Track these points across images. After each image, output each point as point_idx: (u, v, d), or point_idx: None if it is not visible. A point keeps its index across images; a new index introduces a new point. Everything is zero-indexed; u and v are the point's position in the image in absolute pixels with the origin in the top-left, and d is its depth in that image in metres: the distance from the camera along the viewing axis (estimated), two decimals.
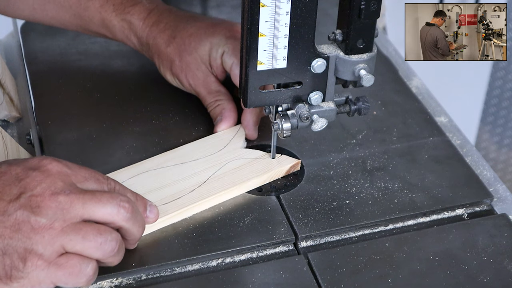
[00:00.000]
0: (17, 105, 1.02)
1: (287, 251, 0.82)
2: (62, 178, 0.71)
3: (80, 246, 0.69)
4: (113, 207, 0.71)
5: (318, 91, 0.83)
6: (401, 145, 0.95)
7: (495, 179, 0.93)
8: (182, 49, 0.94)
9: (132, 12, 0.97)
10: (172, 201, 0.83)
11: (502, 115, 2.02)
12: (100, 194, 0.71)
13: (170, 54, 0.95)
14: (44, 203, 0.68)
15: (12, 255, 0.68)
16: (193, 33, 0.94)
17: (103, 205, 0.71)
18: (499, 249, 0.81)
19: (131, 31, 0.97)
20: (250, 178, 0.87)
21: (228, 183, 0.86)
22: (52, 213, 0.68)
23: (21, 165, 0.71)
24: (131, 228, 0.74)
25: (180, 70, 0.95)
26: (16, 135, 0.99)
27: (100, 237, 0.70)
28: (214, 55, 0.93)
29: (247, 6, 0.76)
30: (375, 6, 0.78)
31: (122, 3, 0.97)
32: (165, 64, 0.96)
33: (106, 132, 0.95)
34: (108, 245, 0.70)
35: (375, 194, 0.88)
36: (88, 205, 0.70)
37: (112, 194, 0.72)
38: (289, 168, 0.89)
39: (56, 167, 0.71)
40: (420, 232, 0.84)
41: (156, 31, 0.96)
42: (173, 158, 0.89)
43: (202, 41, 0.94)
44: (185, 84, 0.96)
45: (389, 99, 1.03)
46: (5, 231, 0.68)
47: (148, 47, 0.97)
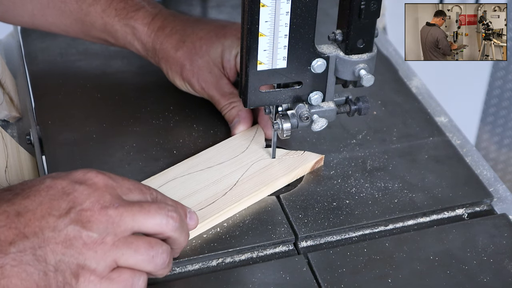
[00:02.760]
0: (17, 105, 1.02)
1: (287, 251, 0.82)
2: (109, 191, 0.70)
3: (132, 260, 0.69)
4: (162, 217, 0.71)
5: (318, 91, 0.83)
6: (401, 145, 0.95)
7: (495, 179, 0.93)
8: (193, 52, 0.93)
9: (136, 17, 0.96)
10: (207, 206, 0.83)
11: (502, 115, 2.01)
12: (148, 205, 0.71)
13: (180, 59, 0.94)
14: (95, 218, 0.68)
15: (65, 271, 0.67)
16: (203, 36, 0.94)
17: (152, 216, 0.70)
18: (499, 249, 0.81)
19: (135, 36, 0.96)
20: (278, 176, 0.87)
21: (258, 184, 0.86)
22: (104, 227, 0.68)
23: (66, 178, 0.70)
24: (179, 238, 0.73)
25: (191, 74, 0.94)
26: (16, 135, 0.99)
27: (151, 250, 0.70)
28: (228, 56, 0.93)
29: (247, 6, 0.76)
30: (375, 6, 0.78)
31: (124, 8, 0.96)
32: (174, 69, 0.95)
33: (106, 132, 0.95)
34: (160, 258, 0.70)
35: (375, 194, 0.88)
36: (137, 217, 0.69)
37: (159, 204, 0.72)
38: (314, 164, 0.89)
39: (102, 180, 0.70)
40: (420, 232, 0.84)
41: (162, 36, 0.95)
42: (199, 164, 0.89)
43: (214, 44, 0.93)
44: (197, 88, 0.95)
45: (389, 99, 1.03)
46: (57, 247, 0.67)
47: (155, 52, 0.96)
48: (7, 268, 0.65)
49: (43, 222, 0.67)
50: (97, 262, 0.67)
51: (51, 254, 0.66)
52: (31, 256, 0.66)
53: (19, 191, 0.69)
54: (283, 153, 0.91)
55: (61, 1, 0.97)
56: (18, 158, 0.90)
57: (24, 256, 0.66)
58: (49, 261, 0.66)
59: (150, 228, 0.70)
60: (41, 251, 0.66)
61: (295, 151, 0.91)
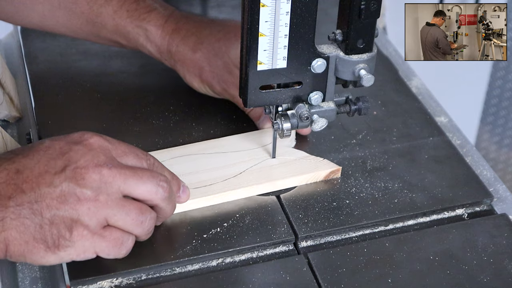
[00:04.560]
0: (17, 105, 1.02)
1: (287, 251, 0.82)
2: (104, 152, 0.73)
3: (122, 222, 0.72)
4: (152, 185, 0.74)
5: (318, 91, 0.83)
6: (401, 145, 0.95)
7: (495, 179, 0.93)
8: (212, 54, 0.92)
9: (148, 19, 0.94)
10: (203, 187, 0.85)
11: (502, 115, 2.01)
12: (141, 171, 0.74)
13: (198, 61, 0.93)
14: (89, 175, 0.71)
15: (59, 224, 0.70)
16: (221, 38, 0.93)
17: (143, 182, 0.74)
18: (499, 249, 0.81)
19: (148, 38, 0.95)
20: (286, 177, 0.87)
21: (262, 178, 0.87)
22: (97, 185, 0.71)
23: (64, 139, 0.73)
24: (165, 207, 0.76)
25: (211, 76, 0.93)
26: (16, 135, 0.99)
27: (141, 215, 0.73)
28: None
29: (247, 6, 0.76)
30: (375, 6, 0.78)
31: (136, 10, 0.95)
32: (192, 71, 0.94)
33: (106, 132, 0.94)
34: (147, 224, 0.74)
35: (375, 194, 0.88)
36: (129, 181, 0.73)
37: (152, 172, 0.75)
38: (328, 173, 0.89)
39: (97, 141, 0.74)
40: (420, 232, 0.84)
41: (178, 39, 0.94)
42: (216, 147, 0.91)
43: (232, 44, 0.92)
44: (218, 89, 0.94)
45: (389, 99, 1.03)
46: (52, 202, 0.70)
47: (170, 54, 0.95)
48: (7, 221, 0.69)
49: (40, 179, 0.70)
50: (89, 218, 0.71)
51: (46, 208, 0.70)
52: (28, 210, 0.70)
53: (19, 152, 0.73)
54: (303, 155, 0.91)
55: (71, 2, 0.96)
56: None
57: (22, 210, 0.70)
58: (45, 215, 0.70)
59: (140, 193, 0.74)
60: (37, 206, 0.70)
61: (315, 157, 0.91)
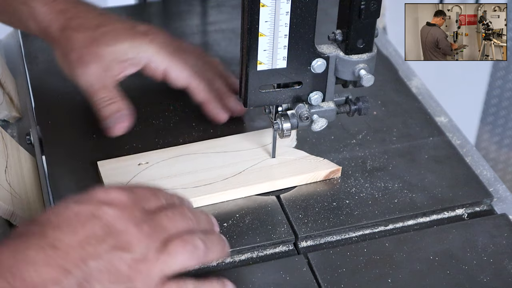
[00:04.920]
0: (17, 105, 1.02)
1: (287, 251, 0.82)
2: (136, 207, 0.68)
3: (176, 265, 0.68)
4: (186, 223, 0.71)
5: (318, 91, 0.83)
6: (401, 145, 0.95)
7: (495, 179, 0.93)
8: (91, 40, 0.89)
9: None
10: (203, 186, 0.85)
11: (502, 115, 2.01)
12: (171, 213, 0.71)
13: (74, 40, 0.90)
14: (133, 237, 0.66)
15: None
16: (108, 31, 0.91)
17: (178, 220, 0.70)
18: (499, 249, 0.81)
19: (31, 15, 0.92)
20: (285, 176, 0.87)
21: (261, 178, 0.87)
22: (144, 245, 0.66)
23: (91, 201, 0.68)
24: (211, 248, 0.71)
25: (78, 56, 0.89)
26: (16, 135, 0.99)
27: (187, 244, 0.68)
28: (131, 55, 0.90)
29: (247, 6, 0.76)
30: (375, 6, 0.78)
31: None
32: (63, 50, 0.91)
33: (103, 134, 0.95)
34: (199, 246, 0.69)
35: (375, 194, 0.88)
36: (167, 225, 0.69)
37: (182, 215, 0.71)
38: (328, 173, 0.89)
39: (126, 197, 0.68)
40: (420, 232, 0.84)
41: (62, 19, 0.91)
42: (216, 146, 0.91)
43: (119, 39, 0.90)
44: (78, 71, 0.89)
45: (389, 99, 1.03)
46: (102, 276, 0.64)
47: (49, 31, 0.92)
48: None
49: (83, 253, 0.64)
50: (144, 282, 0.66)
51: (97, 284, 0.64)
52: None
53: (46, 222, 0.66)
54: (304, 155, 0.91)
55: None
56: (18, 158, 0.90)
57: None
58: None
59: (179, 228, 0.70)
60: (87, 284, 0.64)
61: (315, 157, 0.91)
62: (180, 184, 0.86)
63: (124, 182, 0.86)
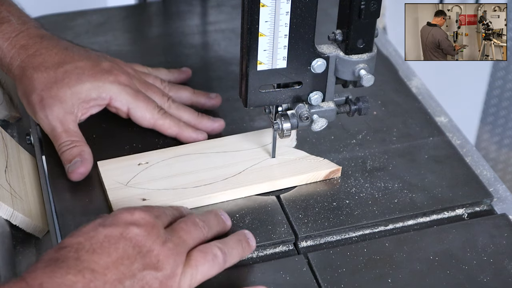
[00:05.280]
0: (17, 105, 1.02)
1: (287, 251, 0.82)
2: (160, 226, 0.72)
3: (199, 275, 0.72)
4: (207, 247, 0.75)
5: (318, 91, 0.83)
6: (401, 145, 0.95)
7: (495, 179, 0.93)
8: (52, 81, 0.89)
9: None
10: (203, 186, 0.86)
11: (502, 115, 2.01)
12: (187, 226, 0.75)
13: (35, 81, 0.89)
14: (162, 256, 0.70)
15: None
16: (70, 71, 0.90)
17: (193, 232, 0.75)
18: (499, 249, 0.81)
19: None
20: (285, 176, 0.88)
21: (261, 178, 0.87)
22: (172, 261, 0.70)
23: (119, 224, 0.71)
24: (231, 252, 0.76)
25: (39, 99, 0.89)
26: (16, 135, 0.99)
27: (207, 254, 0.73)
28: (94, 95, 0.90)
29: (247, 6, 0.76)
30: (375, 6, 0.78)
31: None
32: (24, 90, 0.90)
33: (106, 132, 0.95)
34: (217, 255, 0.73)
35: (375, 194, 0.88)
36: (186, 240, 0.73)
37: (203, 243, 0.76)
38: (328, 173, 0.89)
39: (149, 217, 0.72)
40: (420, 232, 0.84)
41: (24, 55, 0.91)
42: (216, 146, 0.91)
43: (80, 80, 0.89)
44: (40, 115, 0.89)
45: (389, 99, 1.03)
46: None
47: (11, 68, 0.91)
48: None
49: (119, 274, 0.68)
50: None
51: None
52: None
53: (78, 246, 0.68)
54: (303, 155, 0.91)
55: None
56: (18, 158, 0.90)
57: None
58: None
59: (195, 239, 0.75)
60: None
61: (315, 156, 0.90)
62: (180, 184, 0.86)
63: (124, 182, 0.86)
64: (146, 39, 1.16)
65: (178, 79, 1.03)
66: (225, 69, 1.08)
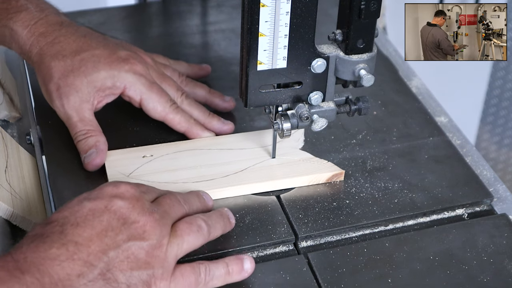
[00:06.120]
0: (17, 105, 1.02)
1: (287, 251, 0.82)
2: (145, 198, 0.74)
3: (186, 245, 0.73)
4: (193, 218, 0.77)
5: (318, 91, 0.83)
6: (401, 145, 0.95)
7: (495, 179, 0.93)
8: (69, 69, 0.89)
9: (15, 19, 0.92)
10: (203, 181, 0.86)
11: (502, 115, 2.01)
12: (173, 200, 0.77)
13: (52, 69, 0.90)
14: (148, 226, 0.71)
15: (137, 285, 0.70)
16: (87, 59, 0.90)
17: (180, 207, 0.77)
18: (499, 249, 0.81)
19: (12, 38, 0.92)
20: (286, 177, 0.88)
21: (262, 177, 0.87)
22: (158, 231, 0.71)
23: (103, 197, 0.72)
24: (213, 226, 0.78)
25: (56, 88, 0.90)
26: (16, 135, 0.99)
27: (192, 225, 0.74)
28: (109, 84, 0.90)
29: (247, 6, 0.76)
30: (375, 6, 0.78)
31: (6, 9, 0.92)
32: (42, 78, 0.91)
33: (106, 132, 0.95)
34: (202, 226, 0.75)
35: (375, 194, 0.88)
36: (172, 212, 0.75)
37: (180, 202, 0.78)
38: (330, 176, 0.89)
39: (135, 190, 0.73)
40: (420, 232, 0.84)
41: (43, 42, 0.91)
42: (221, 143, 0.92)
43: (96, 68, 0.90)
44: (57, 103, 0.90)
45: (389, 99, 1.03)
46: (123, 264, 0.69)
47: (30, 56, 0.92)
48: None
49: (103, 245, 0.69)
50: (162, 266, 0.71)
51: (119, 273, 0.69)
52: (101, 281, 0.68)
53: (64, 221, 0.70)
54: (308, 157, 0.91)
55: None
56: (18, 158, 0.90)
57: (95, 284, 0.68)
58: (120, 279, 0.69)
59: (178, 213, 0.76)
60: (110, 274, 0.68)
61: (319, 159, 0.90)
62: (181, 179, 0.86)
63: (126, 174, 0.87)
64: (146, 39, 1.16)
65: (197, 75, 1.04)
66: (225, 69, 1.08)
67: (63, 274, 0.66)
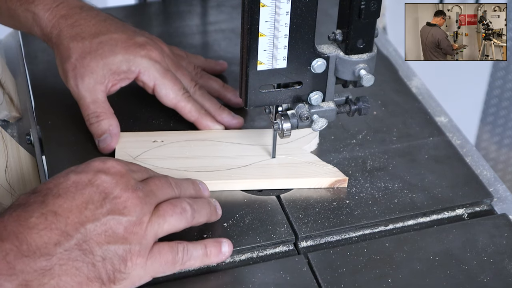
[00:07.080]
0: (17, 105, 1.02)
1: (287, 251, 0.82)
2: (131, 176, 0.74)
3: (167, 226, 0.74)
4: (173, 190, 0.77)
5: (318, 91, 0.84)
6: (401, 145, 0.95)
7: (495, 179, 0.93)
8: (86, 51, 0.91)
9: (37, 3, 0.93)
10: (205, 172, 0.87)
11: (502, 115, 2.01)
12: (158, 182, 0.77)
13: (71, 49, 0.91)
14: (130, 203, 0.72)
15: (112, 259, 0.70)
16: (104, 42, 0.91)
17: (166, 188, 0.77)
18: (499, 249, 0.81)
19: (35, 21, 0.94)
20: (289, 177, 0.87)
21: (264, 175, 0.87)
22: (139, 209, 0.72)
23: (89, 170, 0.73)
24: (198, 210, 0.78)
25: (72, 67, 0.91)
26: (16, 135, 0.99)
27: (175, 207, 0.75)
28: (125, 68, 0.91)
29: (247, 6, 0.76)
30: (375, 6, 0.78)
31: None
32: (60, 58, 0.92)
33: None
34: (187, 210, 0.76)
35: (375, 194, 0.88)
36: (157, 193, 0.75)
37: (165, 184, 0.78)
38: (333, 182, 0.88)
39: (121, 167, 0.74)
40: (420, 232, 0.84)
41: (64, 24, 0.92)
42: (233, 137, 0.93)
43: (113, 52, 0.91)
44: (71, 83, 0.91)
45: (389, 99, 1.03)
46: (100, 237, 0.70)
47: (51, 37, 0.93)
48: (56, 268, 0.68)
49: (82, 217, 0.70)
50: (139, 243, 0.72)
51: (96, 245, 0.70)
52: (77, 251, 0.69)
53: (47, 191, 0.71)
54: (314, 159, 0.91)
55: None
56: (18, 158, 0.90)
57: (71, 253, 0.69)
58: (96, 252, 0.70)
59: (166, 195, 0.76)
60: (86, 245, 0.69)
61: (325, 163, 0.90)
62: (184, 167, 0.87)
63: (134, 156, 0.89)
64: None
65: (213, 70, 1.04)
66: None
67: (40, 242, 0.68)
